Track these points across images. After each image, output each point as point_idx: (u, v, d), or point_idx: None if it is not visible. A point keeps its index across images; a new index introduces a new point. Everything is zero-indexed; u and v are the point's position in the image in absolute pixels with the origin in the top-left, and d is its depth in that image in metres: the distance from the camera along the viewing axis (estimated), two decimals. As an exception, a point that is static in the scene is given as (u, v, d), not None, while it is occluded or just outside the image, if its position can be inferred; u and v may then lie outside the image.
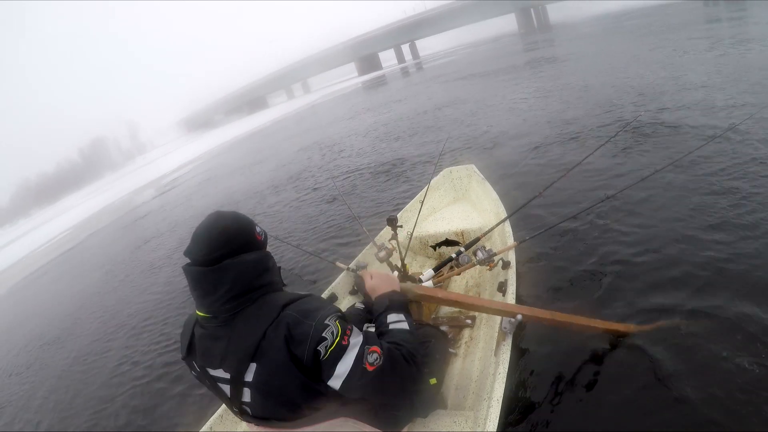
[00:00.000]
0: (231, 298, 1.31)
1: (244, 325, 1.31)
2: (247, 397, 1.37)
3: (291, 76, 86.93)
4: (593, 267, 3.21)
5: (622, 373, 2.24)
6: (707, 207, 3.49)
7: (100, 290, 8.86)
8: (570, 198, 4.42)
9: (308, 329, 1.27)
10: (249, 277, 1.34)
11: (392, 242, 2.90)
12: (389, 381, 1.36)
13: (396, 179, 7.60)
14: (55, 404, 4.70)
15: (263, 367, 1.29)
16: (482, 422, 1.64)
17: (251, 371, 1.31)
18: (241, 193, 11.97)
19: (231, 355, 1.31)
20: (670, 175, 4.09)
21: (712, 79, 7.27)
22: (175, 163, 38.44)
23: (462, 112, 11.58)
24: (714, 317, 2.38)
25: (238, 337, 1.30)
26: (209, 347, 1.36)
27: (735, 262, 2.79)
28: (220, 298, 1.31)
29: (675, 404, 1.99)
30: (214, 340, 1.35)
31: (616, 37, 19.49)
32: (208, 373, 1.40)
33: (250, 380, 1.32)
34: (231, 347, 1.31)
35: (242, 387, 1.34)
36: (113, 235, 16.00)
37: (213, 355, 1.35)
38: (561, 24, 44.39)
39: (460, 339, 2.58)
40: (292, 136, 20.94)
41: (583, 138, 6.19)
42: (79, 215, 33.09)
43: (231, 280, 1.31)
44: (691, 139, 5.00)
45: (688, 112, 5.88)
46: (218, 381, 1.39)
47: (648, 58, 11.10)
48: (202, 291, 1.34)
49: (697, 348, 2.23)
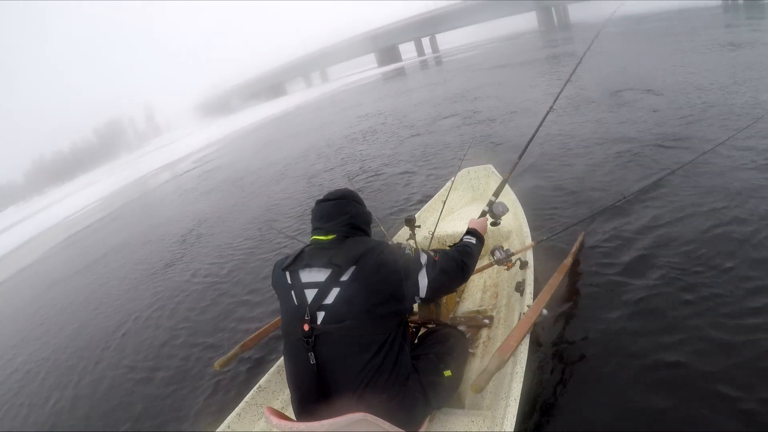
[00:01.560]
0: (348, 224, 1.87)
1: (352, 244, 1.78)
2: (330, 299, 1.68)
3: (311, 64, 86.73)
4: (618, 266, 3.21)
5: (645, 373, 2.26)
6: (715, 210, 3.52)
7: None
8: (587, 198, 4.44)
9: (395, 252, 1.79)
10: (360, 219, 1.95)
11: (410, 242, 2.93)
12: (451, 264, 1.90)
13: (416, 178, 7.56)
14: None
15: (361, 270, 1.68)
16: (500, 422, 1.66)
17: (349, 272, 1.68)
18: (249, 188, 11.74)
19: (339, 256, 1.72)
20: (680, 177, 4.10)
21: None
22: (194, 145, 38.59)
23: (487, 108, 11.46)
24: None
25: (348, 248, 1.75)
26: (317, 254, 1.78)
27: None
28: (340, 222, 1.86)
29: (706, 404, 2.01)
30: (323, 250, 1.79)
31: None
32: (300, 280, 1.77)
33: (345, 279, 1.68)
34: (341, 252, 1.73)
35: (333, 287, 1.68)
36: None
37: (320, 257, 1.75)
38: (582, 23, 43.68)
39: (478, 339, 2.60)
40: (307, 130, 20.85)
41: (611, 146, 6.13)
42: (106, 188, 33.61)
43: (352, 212, 1.91)
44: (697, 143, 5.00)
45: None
46: (306, 287, 1.74)
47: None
48: (327, 217, 1.89)
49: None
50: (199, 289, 5.92)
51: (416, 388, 1.74)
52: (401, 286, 1.74)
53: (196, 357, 4.18)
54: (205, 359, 4.08)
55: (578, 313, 2.87)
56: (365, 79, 49.96)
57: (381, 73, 53.15)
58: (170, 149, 48.19)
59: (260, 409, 2.24)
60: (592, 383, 2.31)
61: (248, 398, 2.27)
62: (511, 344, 1.82)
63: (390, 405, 1.62)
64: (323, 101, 37.13)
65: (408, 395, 1.71)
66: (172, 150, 45.50)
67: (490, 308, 2.85)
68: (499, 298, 2.91)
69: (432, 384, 1.80)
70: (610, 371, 2.34)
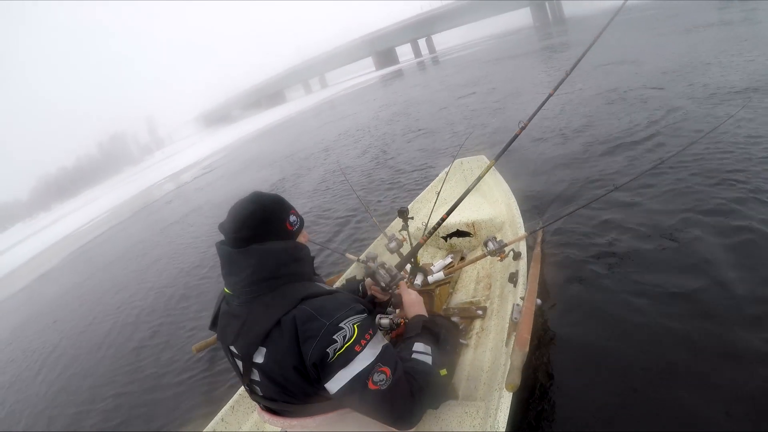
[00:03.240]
0: (252, 282, 1.33)
1: (261, 310, 1.31)
2: (256, 377, 1.37)
3: (309, 70, 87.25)
4: (604, 255, 3.19)
5: (635, 364, 2.21)
6: (706, 198, 3.47)
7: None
8: (581, 188, 4.40)
9: (320, 327, 1.24)
10: (273, 265, 1.34)
11: (402, 233, 2.89)
12: (385, 407, 1.28)
13: (409, 170, 7.56)
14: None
15: (271, 353, 1.29)
16: (493, 412, 1.62)
17: (261, 354, 1.31)
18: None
19: (243, 336, 1.32)
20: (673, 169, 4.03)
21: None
22: (197, 156, 38.94)
23: (480, 102, 11.48)
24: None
25: (253, 319, 1.31)
26: (227, 323, 1.40)
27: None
28: (243, 280, 1.33)
29: (695, 400, 1.95)
30: (232, 318, 1.38)
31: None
32: (228, 347, 1.43)
33: (260, 362, 1.32)
34: (245, 328, 1.32)
35: (251, 367, 1.35)
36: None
37: (229, 332, 1.38)
38: (576, 18, 43.71)
39: (471, 330, 2.55)
40: (308, 131, 21.05)
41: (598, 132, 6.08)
42: (109, 203, 34.15)
43: (254, 265, 1.33)
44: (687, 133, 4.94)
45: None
46: (234, 356, 1.41)
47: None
48: (228, 269, 1.38)
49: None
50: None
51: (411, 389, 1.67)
52: (316, 370, 1.26)
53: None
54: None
55: (567, 303, 2.84)
56: (364, 83, 50.22)
57: (379, 76, 53.40)
58: (173, 161, 48.63)
59: (253, 402, 2.22)
60: (585, 371, 2.27)
61: (241, 391, 2.24)
62: (525, 336, 1.78)
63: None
64: (322, 106, 37.31)
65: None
66: (175, 162, 45.91)
67: (483, 299, 2.80)
68: (493, 289, 2.86)
69: (428, 384, 1.74)
70: (601, 359, 2.30)
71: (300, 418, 1.43)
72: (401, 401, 1.30)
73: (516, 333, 1.82)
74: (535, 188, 4.74)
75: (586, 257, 3.22)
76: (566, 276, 3.08)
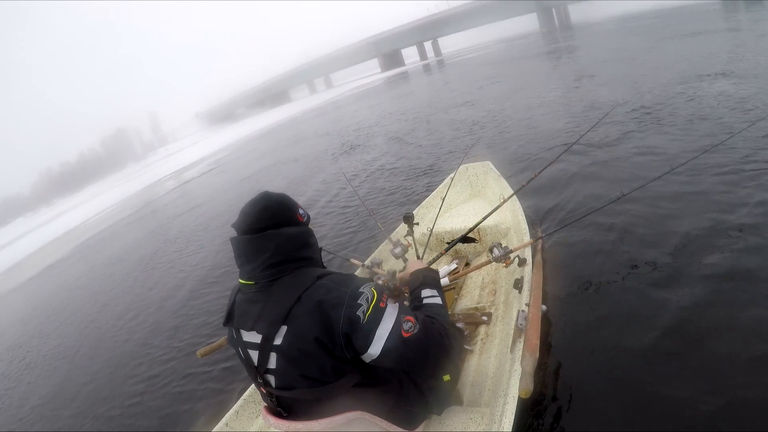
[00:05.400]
0: (270, 266, 1.40)
1: (281, 290, 1.38)
2: (272, 363, 1.40)
3: (314, 70, 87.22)
4: (610, 262, 3.19)
5: (641, 369, 2.22)
6: (716, 206, 3.46)
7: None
8: (589, 195, 4.40)
9: (343, 295, 1.33)
10: (289, 247, 1.43)
11: (408, 239, 2.89)
12: (423, 351, 1.40)
13: (414, 175, 7.55)
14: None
15: (293, 330, 1.33)
16: (498, 419, 1.63)
17: (281, 334, 1.35)
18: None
19: (265, 316, 1.37)
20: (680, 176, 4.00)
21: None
22: (199, 155, 38.98)
23: (486, 107, 11.43)
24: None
25: (274, 301, 1.37)
26: (246, 310, 1.44)
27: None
28: (261, 265, 1.40)
29: (703, 405, 1.95)
30: (251, 304, 1.43)
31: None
32: (242, 339, 1.46)
33: (279, 344, 1.36)
34: (266, 309, 1.37)
35: (270, 351, 1.38)
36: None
37: (248, 317, 1.42)
38: (583, 23, 43.64)
39: (476, 336, 2.56)
40: (311, 134, 21.02)
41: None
42: (114, 198, 34.17)
43: (272, 247, 1.40)
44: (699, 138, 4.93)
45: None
46: (249, 347, 1.44)
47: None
48: (245, 258, 1.43)
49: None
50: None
51: (415, 395, 1.70)
52: (348, 338, 1.33)
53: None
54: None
55: (571, 309, 2.84)
56: (369, 84, 50.17)
57: (384, 78, 53.33)
58: (175, 159, 48.65)
59: (258, 407, 2.23)
60: (590, 378, 2.28)
61: (246, 395, 2.26)
62: (535, 342, 1.79)
63: (389, 405, 1.58)
64: (327, 107, 37.28)
65: (406, 398, 1.66)
66: (177, 159, 45.93)
67: (488, 305, 2.81)
68: (497, 295, 2.87)
69: (431, 389, 1.76)
70: (606, 366, 2.30)
71: (305, 421, 1.44)
72: (437, 338, 1.44)
73: (525, 339, 1.83)
74: (540, 195, 4.74)
75: (591, 264, 3.23)
76: (571, 282, 3.08)
